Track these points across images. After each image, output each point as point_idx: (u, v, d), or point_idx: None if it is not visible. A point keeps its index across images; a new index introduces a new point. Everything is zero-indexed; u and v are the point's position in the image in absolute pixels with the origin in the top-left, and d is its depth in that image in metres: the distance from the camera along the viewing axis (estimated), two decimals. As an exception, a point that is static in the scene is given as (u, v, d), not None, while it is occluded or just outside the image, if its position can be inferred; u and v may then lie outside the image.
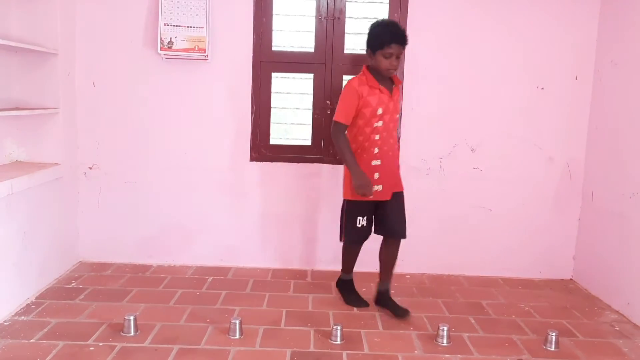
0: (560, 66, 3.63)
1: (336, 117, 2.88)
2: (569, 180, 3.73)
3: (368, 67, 2.92)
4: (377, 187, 2.92)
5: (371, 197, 2.89)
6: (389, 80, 2.94)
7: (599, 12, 3.58)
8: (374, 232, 3.08)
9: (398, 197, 3.02)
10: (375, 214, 3.02)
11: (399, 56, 2.83)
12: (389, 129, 2.93)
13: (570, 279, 3.81)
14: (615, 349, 2.77)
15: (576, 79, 3.65)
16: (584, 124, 3.69)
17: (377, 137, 2.90)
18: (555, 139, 3.69)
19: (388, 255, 3.09)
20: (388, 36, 2.78)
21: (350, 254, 3.17)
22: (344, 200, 3.04)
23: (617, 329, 3.02)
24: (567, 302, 3.37)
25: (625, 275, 3.21)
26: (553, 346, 2.73)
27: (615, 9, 3.44)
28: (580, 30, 3.61)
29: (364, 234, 3.04)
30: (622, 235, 3.26)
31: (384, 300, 3.09)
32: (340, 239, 3.12)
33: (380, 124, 2.88)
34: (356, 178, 2.84)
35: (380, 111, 2.86)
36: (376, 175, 2.92)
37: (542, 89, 3.65)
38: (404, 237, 3.06)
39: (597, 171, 3.58)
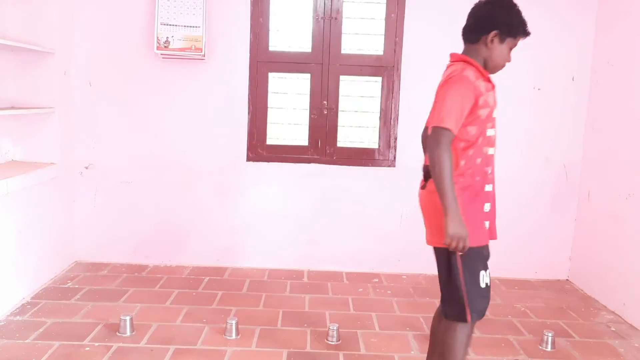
0: (557, 67, 3.64)
1: (439, 122, 1.86)
2: (565, 180, 3.74)
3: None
4: (486, 223, 2.06)
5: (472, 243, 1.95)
6: None
7: (596, 13, 3.59)
8: None
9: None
10: None
11: None
12: (495, 140, 2.07)
13: (567, 280, 3.81)
14: (611, 350, 2.77)
15: (573, 80, 3.65)
16: (581, 125, 3.69)
17: (490, 151, 2.01)
18: (551, 139, 3.70)
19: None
20: (524, 24, 2.08)
21: (464, 340, 2.06)
22: (440, 251, 2.06)
23: (613, 329, 3.03)
24: (563, 303, 3.38)
25: (621, 276, 3.21)
26: (549, 346, 2.73)
27: (612, 10, 3.45)
28: (577, 31, 3.61)
29: (488, 301, 2.10)
30: (618, 235, 3.26)
31: None
32: (463, 318, 2.00)
33: (493, 132, 2.01)
34: (453, 223, 1.84)
35: (495, 114, 2.03)
36: (487, 207, 2.05)
37: (539, 89, 3.66)
38: None
39: (594, 172, 3.58)
